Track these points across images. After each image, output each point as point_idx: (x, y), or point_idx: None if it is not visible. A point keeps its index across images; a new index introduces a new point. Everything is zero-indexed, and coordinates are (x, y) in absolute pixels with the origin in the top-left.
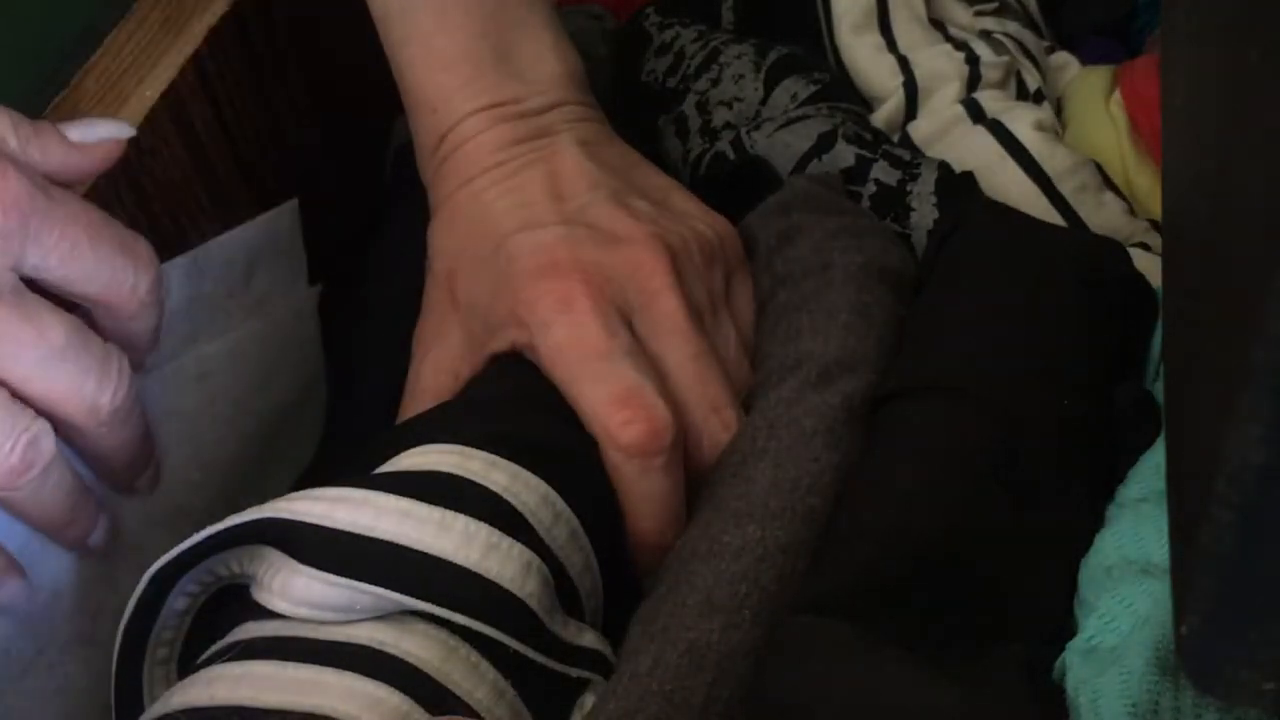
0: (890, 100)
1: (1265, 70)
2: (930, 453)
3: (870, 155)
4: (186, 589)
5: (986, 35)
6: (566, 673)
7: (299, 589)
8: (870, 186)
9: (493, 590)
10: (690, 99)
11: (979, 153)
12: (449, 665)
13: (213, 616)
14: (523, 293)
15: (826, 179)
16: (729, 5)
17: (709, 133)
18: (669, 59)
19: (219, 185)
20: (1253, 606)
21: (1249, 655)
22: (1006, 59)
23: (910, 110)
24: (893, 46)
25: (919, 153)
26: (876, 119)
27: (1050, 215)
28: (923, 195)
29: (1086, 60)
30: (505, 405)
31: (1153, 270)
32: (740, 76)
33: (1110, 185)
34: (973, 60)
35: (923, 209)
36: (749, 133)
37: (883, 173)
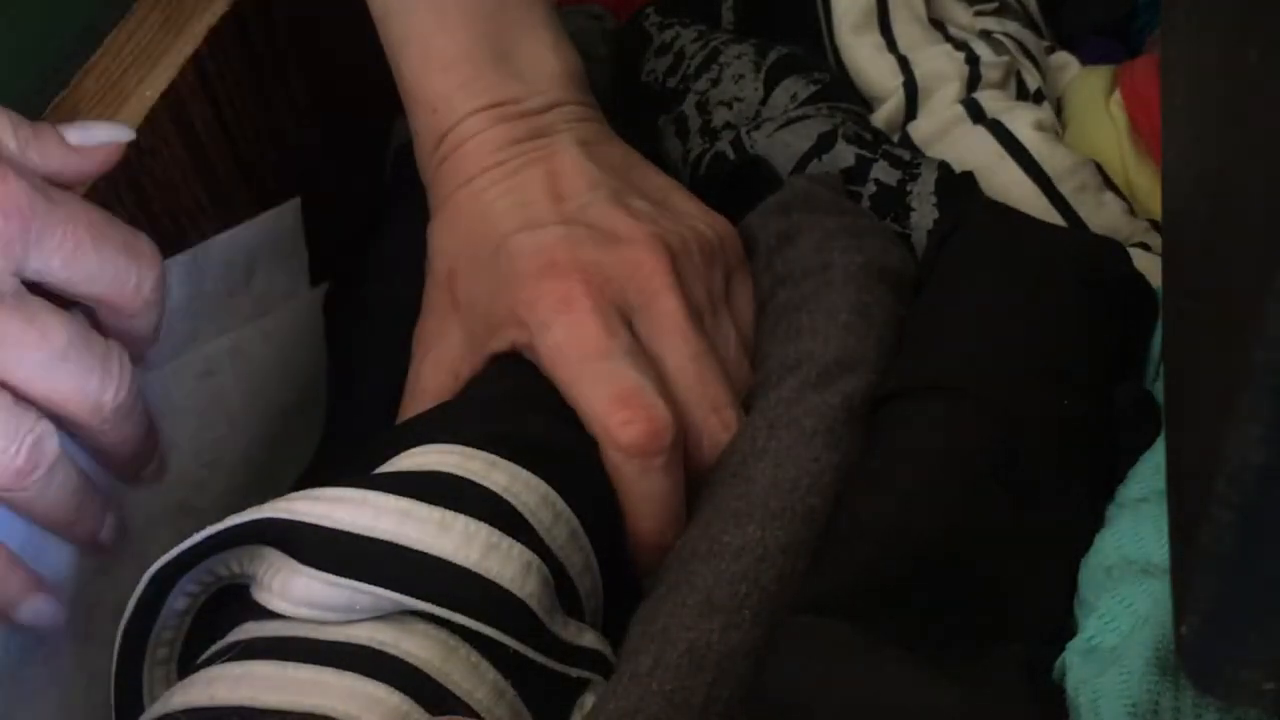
0: (890, 100)
1: (1265, 70)
2: (930, 453)
3: (870, 155)
4: (186, 589)
5: (986, 35)
6: (566, 673)
7: (299, 589)
8: (870, 186)
9: (493, 590)
10: (690, 99)
11: (979, 153)
12: (449, 665)
13: (213, 616)
14: (523, 293)
15: (826, 179)
16: (729, 5)
17: (709, 133)
18: (669, 59)
19: (219, 185)
20: (1253, 606)
21: (1249, 655)
22: (1006, 59)
23: (910, 110)
24: (893, 46)
25: (919, 153)
26: (876, 119)
27: (1050, 215)
28: (923, 195)
29: (1086, 60)
30: (505, 405)
31: (1153, 270)
32: (740, 76)
33: (1110, 185)
34: (973, 60)
35: (923, 209)
36: (749, 133)
37: (883, 173)
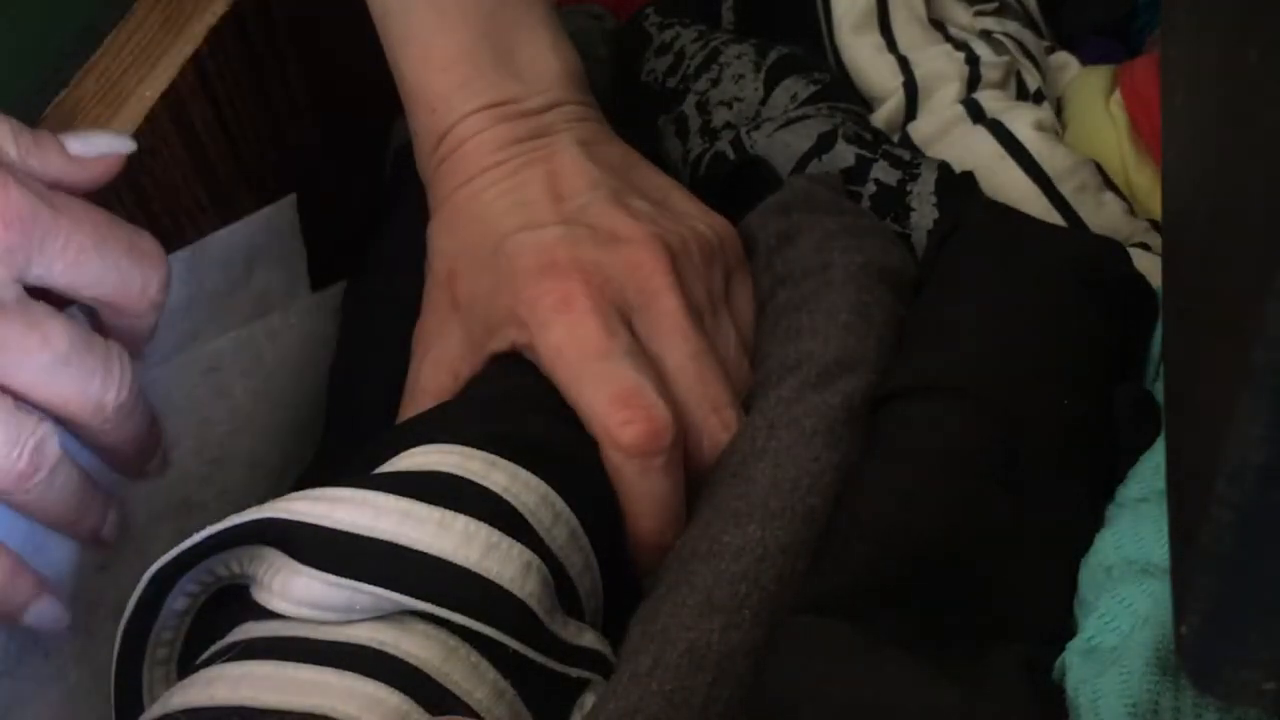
0: (890, 100)
1: (1265, 70)
2: (930, 453)
3: (870, 155)
4: (186, 589)
5: (986, 35)
6: (566, 673)
7: (299, 589)
8: (870, 186)
9: (493, 590)
10: (690, 99)
11: (979, 153)
12: (449, 665)
13: (213, 616)
14: (522, 292)
15: (826, 179)
16: (729, 5)
17: (709, 133)
18: (669, 59)
19: (219, 185)
20: (1253, 606)
21: (1249, 655)
22: (1006, 59)
23: (910, 110)
24: (893, 46)
25: (919, 153)
26: (876, 119)
27: (1050, 215)
28: (923, 195)
29: (1086, 60)
30: (505, 405)
31: (1153, 270)
32: (740, 76)
33: (1110, 185)
34: (973, 60)
35: (923, 209)
36: (749, 133)
37: (883, 173)
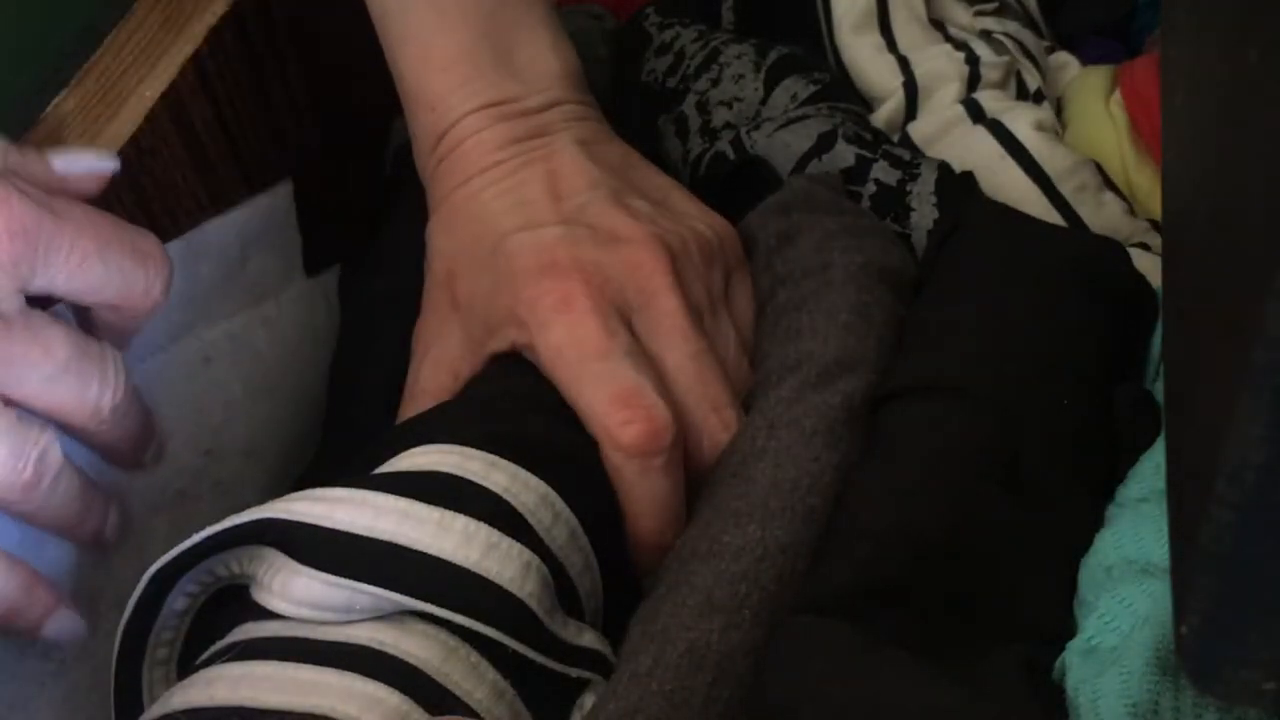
0: (890, 100)
1: (1265, 70)
2: (930, 453)
3: (870, 155)
4: (186, 589)
5: (986, 35)
6: (566, 673)
7: (299, 589)
8: (870, 186)
9: (492, 590)
10: (690, 99)
11: (979, 153)
12: (449, 665)
13: (213, 616)
14: (522, 292)
15: (826, 179)
16: (729, 5)
17: (709, 133)
18: (669, 59)
19: (219, 185)
20: (1253, 606)
21: (1249, 655)
22: (1006, 59)
23: (910, 110)
24: (893, 46)
25: (919, 153)
26: (876, 119)
27: (1050, 215)
28: (923, 195)
29: (1086, 60)
30: (505, 405)
31: (1153, 270)
32: (740, 76)
33: (1110, 185)
34: (973, 60)
35: (923, 209)
36: (749, 133)
37: (883, 173)
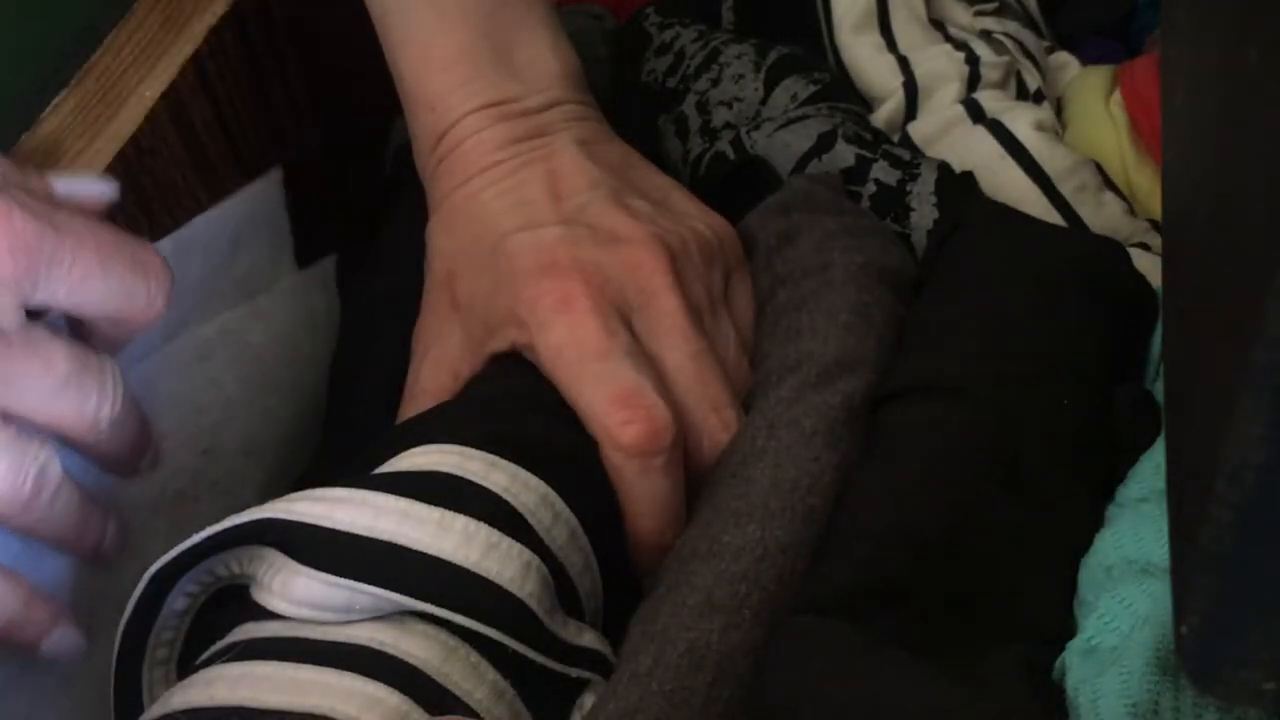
0: (890, 100)
1: (1265, 70)
2: (930, 453)
3: (870, 155)
4: (186, 589)
5: (986, 35)
6: (566, 673)
7: (299, 589)
8: (870, 186)
9: (492, 590)
10: (690, 99)
11: (979, 153)
12: (449, 665)
13: (213, 616)
14: (522, 292)
15: (826, 179)
16: (729, 5)
17: (709, 133)
18: (669, 59)
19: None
20: (1253, 606)
21: (1249, 655)
22: (1006, 59)
23: (910, 110)
24: (893, 46)
25: (919, 153)
26: (876, 119)
27: (1050, 215)
28: (923, 195)
29: (1086, 60)
30: (505, 405)
31: (1153, 270)
32: (740, 76)
33: (1110, 185)
34: (973, 60)
35: (923, 209)
36: (749, 133)
37: (883, 173)
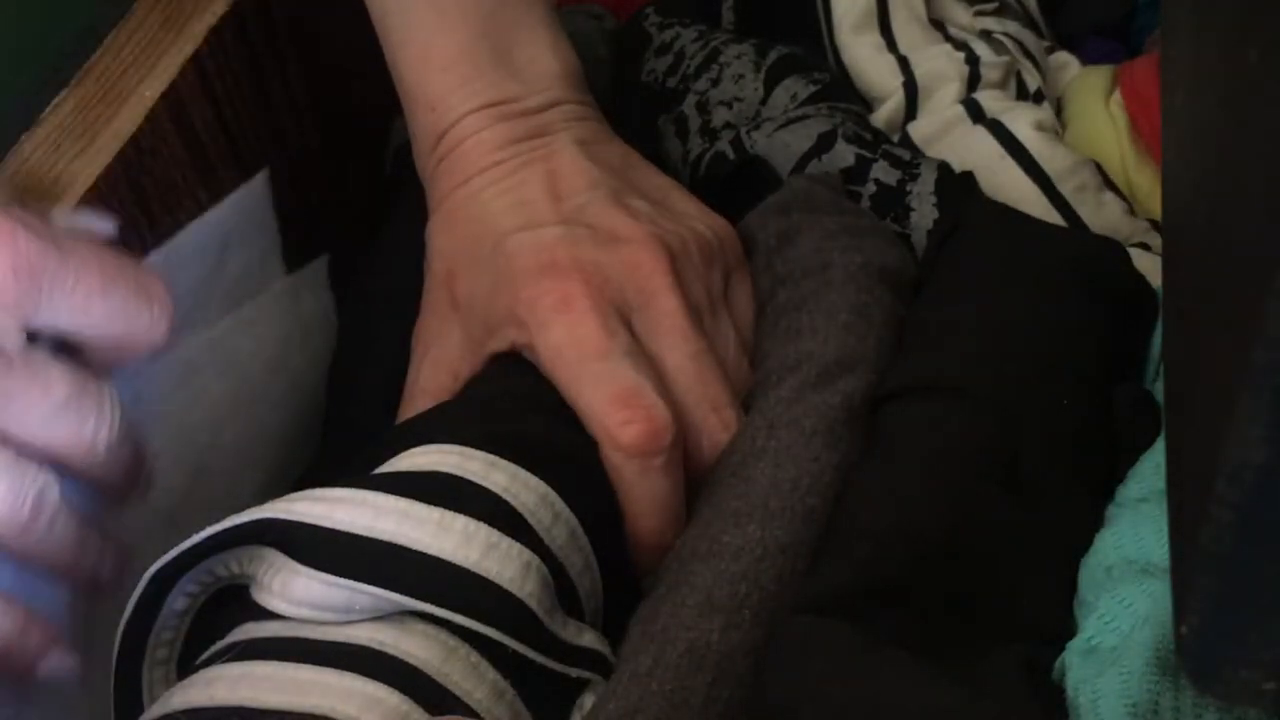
0: (890, 100)
1: (1265, 70)
2: (930, 453)
3: (870, 155)
4: (186, 589)
5: (986, 35)
6: (566, 673)
7: (299, 589)
8: (870, 186)
9: (492, 590)
10: (690, 99)
11: (979, 153)
12: (449, 665)
13: (213, 616)
14: (522, 292)
15: (826, 179)
16: (729, 5)
17: (709, 133)
18: (669, 59)
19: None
20: (1253, 606)
21: (1249, 655)
22: (1006, 59)
23: (910, 110)
24: (893, 46)
25: (919, 153)
26: (876, 119)
27: (1050, 215)
28: (923, 195)
29: (1086, 60)
30: (505, 405)
31: (1153, 270)
32: (740, 76)
33: (1110, 185)
34: (973, 60)
35: (923, 209)
36: (749, 133)
37: (883, 173)
